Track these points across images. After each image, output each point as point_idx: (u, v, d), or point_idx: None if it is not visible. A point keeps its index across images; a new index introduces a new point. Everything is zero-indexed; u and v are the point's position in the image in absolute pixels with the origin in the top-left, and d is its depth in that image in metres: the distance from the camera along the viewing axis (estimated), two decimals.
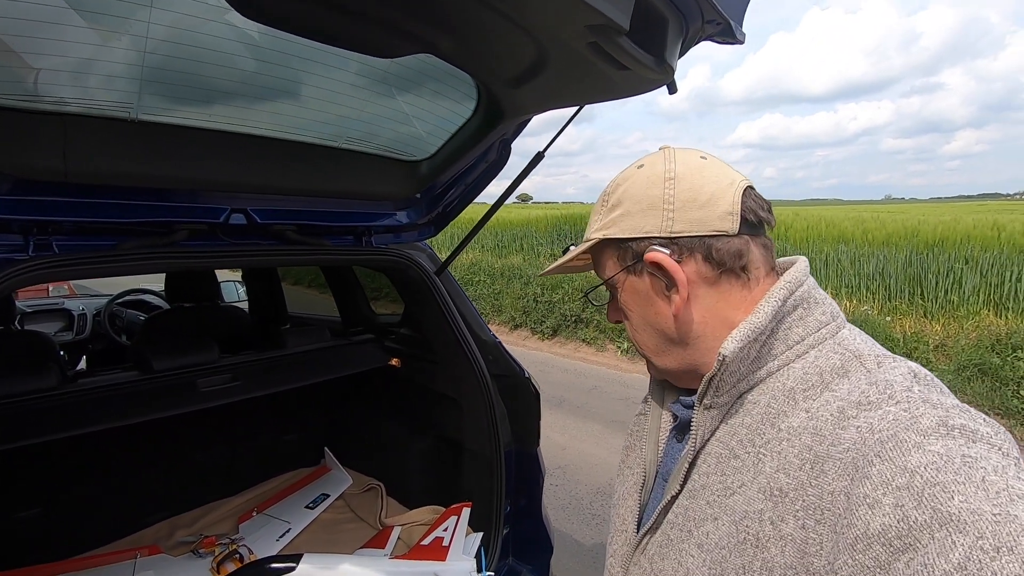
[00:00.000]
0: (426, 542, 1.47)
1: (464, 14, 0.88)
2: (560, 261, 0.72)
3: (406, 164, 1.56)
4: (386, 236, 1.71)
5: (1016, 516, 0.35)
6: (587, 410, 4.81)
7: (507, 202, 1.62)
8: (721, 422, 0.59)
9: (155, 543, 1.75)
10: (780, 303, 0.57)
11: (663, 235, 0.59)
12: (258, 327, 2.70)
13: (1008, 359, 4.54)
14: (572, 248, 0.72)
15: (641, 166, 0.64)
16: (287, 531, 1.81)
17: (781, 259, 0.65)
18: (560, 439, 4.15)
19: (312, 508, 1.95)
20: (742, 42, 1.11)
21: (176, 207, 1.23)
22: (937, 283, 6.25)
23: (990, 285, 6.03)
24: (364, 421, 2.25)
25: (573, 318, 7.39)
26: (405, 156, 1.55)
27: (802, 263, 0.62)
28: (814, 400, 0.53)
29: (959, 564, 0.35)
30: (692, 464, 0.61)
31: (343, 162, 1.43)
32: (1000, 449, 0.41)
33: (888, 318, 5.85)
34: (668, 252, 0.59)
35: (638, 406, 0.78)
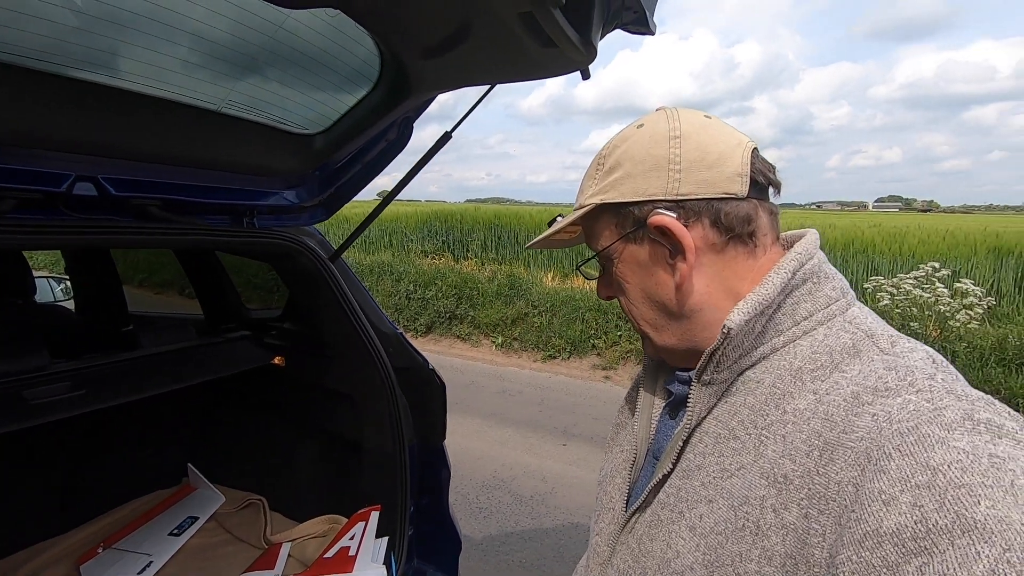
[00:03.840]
0: (330, 554, 1.33)
1: None
2: (546, 233, 0.66)
3: (298, 137, 1.39)
4: (270, 218, 1.52)
5: None
6: (466, 406, 4.79)
7: (367, 198, 1.52)
8: (720, 400, 0.56)
9: None
10: (790, 275, 0.54)
11: (668, 198, 0.55)
12: (91, 329, 2.26)
13: None
14: (560, 219, 0.65)
15: (641, 125, 0.59)
16: (147, 565, 1.53)
17: (789, 232, 0.62)
18: None
19: (177, 535, 1.67)
20: (653, 33, 1.14)
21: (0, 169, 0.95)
22: None
23: None
24: (239, 429, 1.98)
25: (447, 314, 7.32)
26: (296, 128, 1.38)
27: (812, 235, 0.59)
28: (823, 381, 0.49)
29: None
30: (686, 442, 0.57)
31: (223, 129, 1.23)
32: None
33: None
34: (675, 216, 0.55)
35: (614, 385, 0.75)
